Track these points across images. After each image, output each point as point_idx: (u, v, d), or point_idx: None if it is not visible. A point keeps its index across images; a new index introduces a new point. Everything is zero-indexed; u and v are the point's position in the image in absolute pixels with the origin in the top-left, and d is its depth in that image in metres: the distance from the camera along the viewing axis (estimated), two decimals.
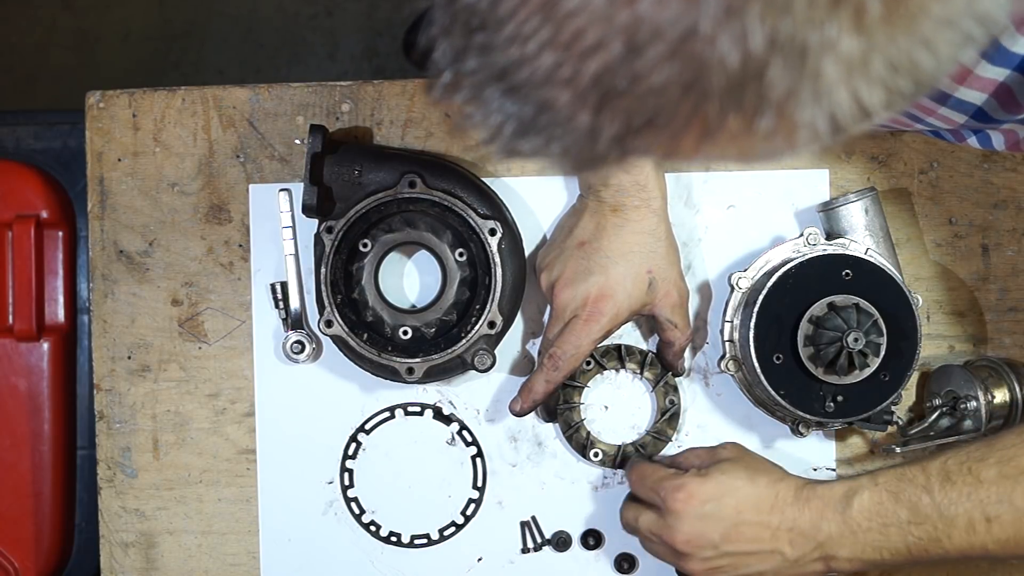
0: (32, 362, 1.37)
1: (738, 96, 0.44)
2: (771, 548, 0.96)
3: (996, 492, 0.90)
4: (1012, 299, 1.13)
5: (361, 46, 2.32)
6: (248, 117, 1.13)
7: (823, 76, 0.43)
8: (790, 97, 0.44)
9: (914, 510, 0.92)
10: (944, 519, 0.91)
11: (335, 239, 1.05)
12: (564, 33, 0.43)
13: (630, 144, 0.47)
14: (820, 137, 0.46)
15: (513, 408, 1.07)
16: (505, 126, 0.48)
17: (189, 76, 2.29)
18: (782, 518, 0.96)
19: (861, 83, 0.44)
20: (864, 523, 0.93)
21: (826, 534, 0.94)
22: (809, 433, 1.09)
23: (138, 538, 1.13)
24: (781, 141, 0.46)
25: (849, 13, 0.42)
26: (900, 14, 0.43)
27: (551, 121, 0.47)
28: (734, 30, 0.42)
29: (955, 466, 0.92)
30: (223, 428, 1.13)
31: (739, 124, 0.45)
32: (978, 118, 0.86)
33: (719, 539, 0.96)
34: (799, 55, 0.42)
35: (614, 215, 1.03)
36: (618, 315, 1.04)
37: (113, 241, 1.13)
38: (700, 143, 0.46)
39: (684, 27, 0.42)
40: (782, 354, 1.04)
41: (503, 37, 0.45)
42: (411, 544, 1.13)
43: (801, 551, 0.95)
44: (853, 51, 0.43)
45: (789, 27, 0.42)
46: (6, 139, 1.44)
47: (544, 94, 0.46)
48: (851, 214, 1.06)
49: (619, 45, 0.43)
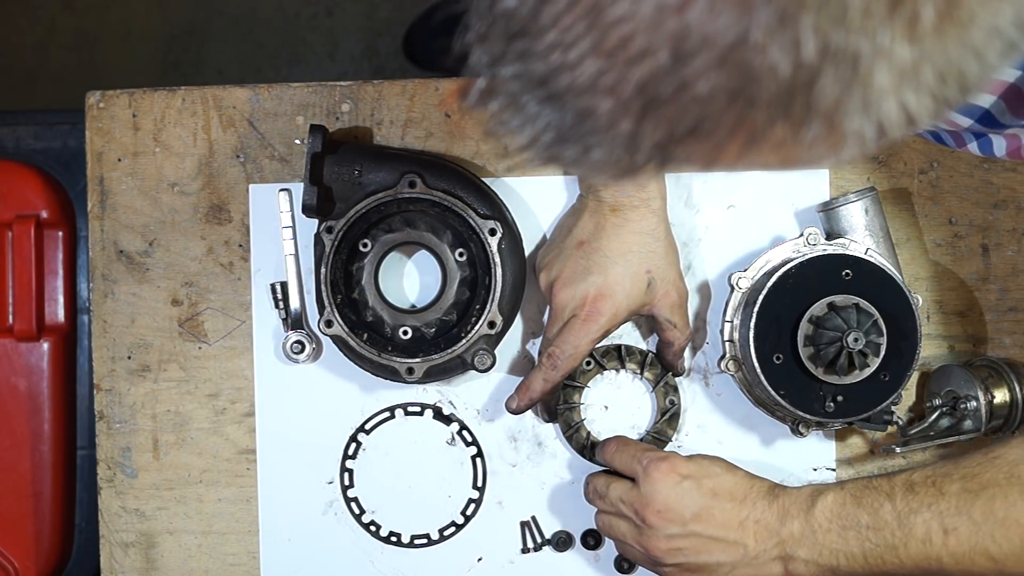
0: (32, 362, 1.37)
1: (786, 105, 0.43)
2: (735, 538, 0.96)
3: (956, 505, 0.89)
4: (1012, 299, 1.13)
5: (361, 46, 2.32)
6: (248, 117, 1.13)
7: (874, 85, 0.43)
8: (839, 106, 0.44)
9: (874, 515, 0.92)
10: (902, 527, 0.91)
11: (335, 239, 1.05)
12: (609, 40, 0.43)
13: (672, 152, 0.46)
14: (866, 145, 0.46)
15: (509, 405, 1.07)
16: (544, 134, 0.48)
17: (189, 76, 2.29)
18: (752, 510, 0.97)
19: (910, 92, 0.44)
20: (824, 523, 0.94)
21: (788, 531, 0.95)
22: (809, 433, 1.09)
23: (138, 538, 1.13)
24: (825, 149, 0.46)
25: (903, 22, 0.42)
26: (952, 23, 0.42)
27: (591, 129, 0.46)
28: (786, 39, 0.41)
29: (920, 479, 0.92)
30: (223, 428, 1.13)
31: (785, 133, 0.45)
32: (984, 122, 0.86)
33: (689, 516, 0.97)
34: (851, 64, 0.42)
35: (613, 215, 1.03)
36: (617, 315, 1.04)
37: (113, 241, 1.13)
38: (744, 152, 0.46)
39: (735, 35, 0.42)
40: (782, 354, 1.04)
41: (544, 44, 0.44)
42: (411, 544, 1.13)
43: (763, 546, 0.95)
44: (905, 60, 0.43)
45: (842, 36, 0.41)
46: (6, 139, 1.44)
47: (585, 102, 0.45)
48: (851, 214, 1.06)
49: (666, 53, 0.42)
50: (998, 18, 0.43)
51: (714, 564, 0.97)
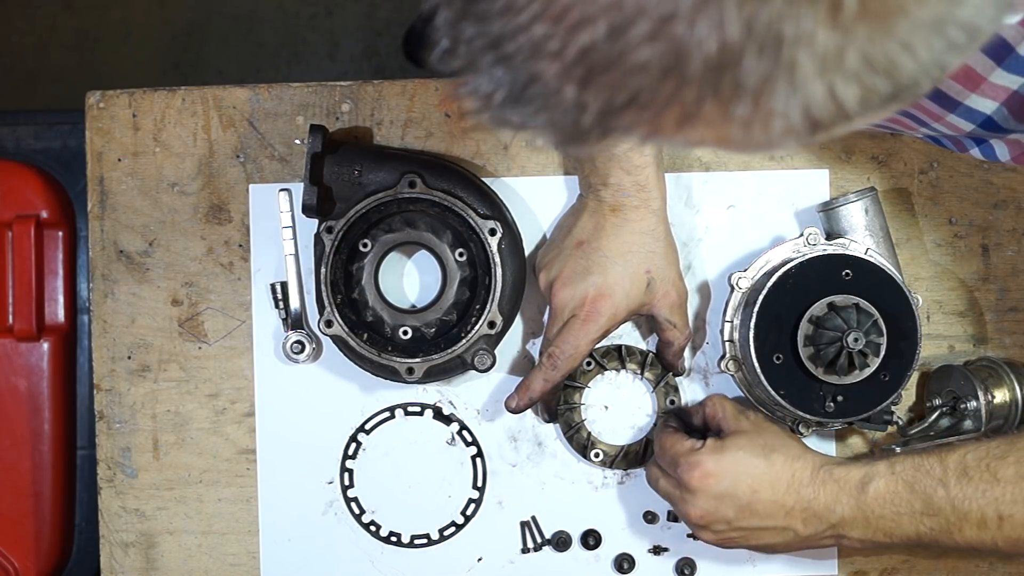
0: (32, 362, 1.37)
1: (715, 81, 0.44)
2: (784, 525, 0.97)
3: (1012, 492, 0.91)
4: (1012, 299, 1.13)
5: (361, 46, 2.32)
6: (248, 117, 1.13)
7: (798, 68, 0.44)
8: (765, 86, 0.44)
9: (928, 502, 0.93)
10: (957, 513, 0.92)
11: (335, 239, 1.05)
12: (554, 7, 0.44)
13: (613, 122, 0.48)
14: (796, 130, 0.47)
15: (509, 405, 1.07)
16: (496, 95, 0.49)
17: (189, 76, 2.29)
18: (797, 498, 0.97)
19: (836, 78, 0.44)
20: (878, 510, 0.95)
21: (839, 516, 0.96)
22: (809, 433, 1.09)
23: (138, 538, 1.13)
24: (758, 130, 0.47)
25: (825, 7, 0.42)
26: (877, 12, 0.43)
27: (538, 92, 0.47)
28: (712, 15, 0.42)
29: (974, 462, 0.93)
30: (223, 428, 1.13)
31: (716, 110, 0.46)
32: (986, 127, 0.86)
33: (733, 516, 0.98)
34: (775, 45, 0.43)
35: (613, 215, 1.03)
36: (616, 315, 1.04)
37: (113, 241, 1.13)
38: (680, 126, 0.47)
39: (666, 9, 0.43)
40: (782, 354, 1.04)
41: (499, 6, 0.46)
42: (411, 544, 1.13)
43: (814, 529, 0.97)
44: (828, 45, 0.43)
45: (766, 17, 0.42)
46: (6, 139, 1.44)
47: (533, 65, 0.46)
48: (851, 214, 1.06)
49: (605, 22, 0.44)
50: (927, 11, 0.44)
51: (766, 546, 1.00)
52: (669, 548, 1.12)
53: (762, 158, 1.13)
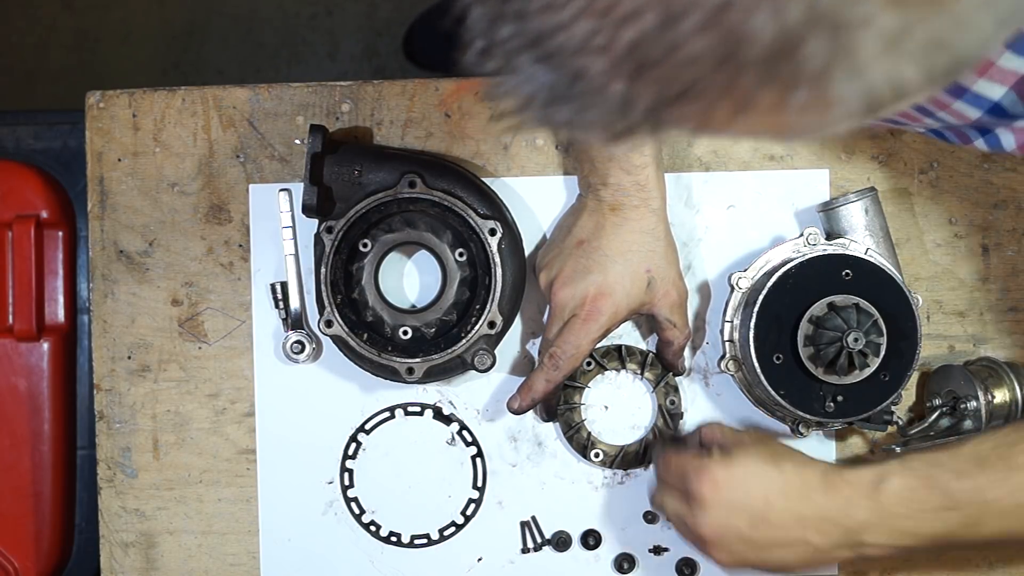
0: (32, 362, 1.37)
1: (773, 70, 0.44)
2: (798, 537, 0.93)
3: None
4: (1012, 299, 1.13)
5: (361, 46, 2.32)
6: (248, 117, 1.13)
7: (859, 52, 0.43)
8: (825, 72, 0.44)
9: (947, 496, 0.90)
10: (978, 505, 0.90)
11: (335, 239, 1.05)
12: (599, 1, 0.43)
13: (663, 115, 0.47)
14: (854, 114, 0.46)
15: (511, 406, 1.07)
16: (538, 95, 0.48)
17: (189, 76, 2.29)
18: (811, 506, 0.93)
19: (897, 60, 0.44)
20: (895, 508, 0.91)
21: (856, 520, 0.92)
22: (809, 433, 1.09)
23: (138, 538, 1.13)
24: (815, 117, 0.46)
25: None
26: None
27: (584, 90, 0.47)
28: (771, 3, 0.42)
29: (989, 452, 0.91)
30: (223, 428, 1.13)
31: (773, 98, 0.45)
32: (993, 114, 0.85)
33: (746, 528, 0.94)
34: (836, 30, 0.42)
35: (613, 214, 1.03)
36: (616, 314, 1.04)
37: (113, 241, 1.13)
38: (733, 117, 0.46)
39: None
40: (782, 354, 1.04)
41: (538, 3, 0.45)
42: (411, 544, 1.13)
43: (829, 539, 0.93)
44: (890, 27, 0.43)
45: (827, 2, 0.42)
46: (6, 139, 1.44)
47: (578, 62, 0.45)
48: (851, 214, 1.06)
49: (655, 14, 0.43)
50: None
51: (780, 564, 0.95)
52: (669, 548, 1.12)
53: (762, 158, 1.13)
